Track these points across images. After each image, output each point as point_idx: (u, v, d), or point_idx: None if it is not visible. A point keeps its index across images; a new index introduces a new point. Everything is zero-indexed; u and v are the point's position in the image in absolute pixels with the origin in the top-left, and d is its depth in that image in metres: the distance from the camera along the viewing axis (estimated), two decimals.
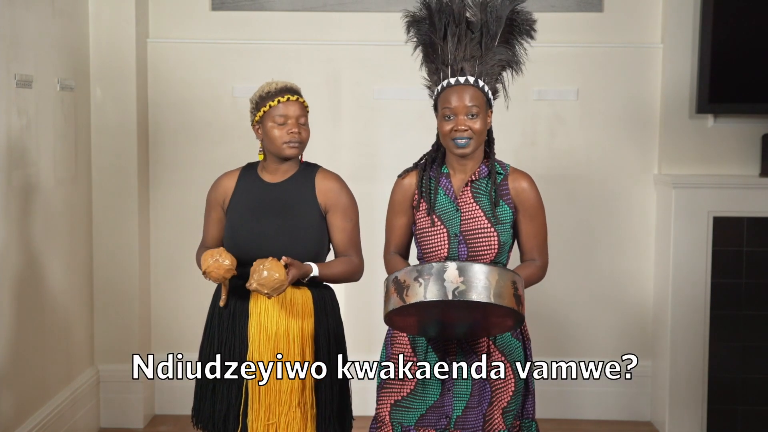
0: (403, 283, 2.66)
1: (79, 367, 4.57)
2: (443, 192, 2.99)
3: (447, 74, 2.96)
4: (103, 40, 4.62)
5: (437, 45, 2.99)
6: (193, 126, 4.85)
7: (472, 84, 2.94)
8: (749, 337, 4.65)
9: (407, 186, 3.06)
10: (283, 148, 3.12)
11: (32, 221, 4.02)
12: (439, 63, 2.99)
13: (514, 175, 3.01)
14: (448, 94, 2.94)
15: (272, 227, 3.11)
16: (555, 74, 4.84)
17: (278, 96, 3.14)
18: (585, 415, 4.92)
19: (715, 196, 4.61)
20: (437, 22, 2.99)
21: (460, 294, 2.60)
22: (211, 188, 3.27)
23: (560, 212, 4.85)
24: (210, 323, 3.20)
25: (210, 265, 2.98)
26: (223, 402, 3.13)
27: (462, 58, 2.96)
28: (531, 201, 2.98)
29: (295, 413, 3.09)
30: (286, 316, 3.09)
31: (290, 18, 4.84)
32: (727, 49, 4.60)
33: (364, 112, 4.84)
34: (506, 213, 2.97)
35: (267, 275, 2.91)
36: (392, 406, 2.98)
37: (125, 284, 4.70)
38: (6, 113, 3.77)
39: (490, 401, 2.94)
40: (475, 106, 2.92)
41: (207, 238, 3.29)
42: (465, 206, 2.97)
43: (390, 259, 3.08)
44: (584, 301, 4.90)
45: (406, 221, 3.07)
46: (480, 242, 2.94)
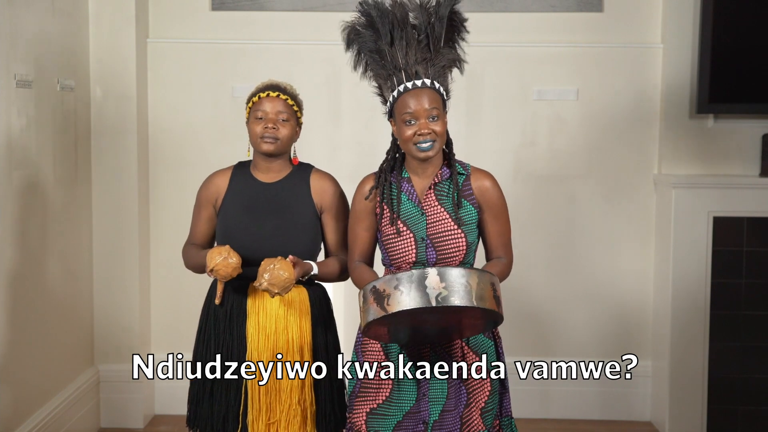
0: (382, 292, 2.64)
1: (79, 367, 4.57)
2: (406, 197, 2.98)
3: (402, 78, 2.93)
4: (103, 40, 4.62)
5: (384, 51, 2.96)
6: (193, 126, 4.85)
7: (429, 86, 2.92)
8: (749, 337, 4.65)
9: (366, 199, 3.03)
10: (259, 143, 3.11)
11: (32, 221, 4.02)
12: (391, 68, 2.95)
13: (476, 175, 3.00)
14: (407, 99, 2.91)
15: (268, 227, 3.11)
16: (555, 74, 4.84)
17: (260, 92, 3.15)
18: (585, 415, 4.92)
19: (715, 196, 4.61)
20: (381, 28, 2.96)
21: (443, 300, 2.59)
22: (203, 186, 3.25)
23: (560, 212, 4.85)
24: (204, 324, 3.19)
25: (218, 263, 2.97)
26: (222, 403, 3.12)
27: (414, 61, 2.93)
28: (495, 200, 2.99)
29: (296, 411, 3.09)
30: (285, 315, 3.09)
31: (290, 18, 4.84)
32: (727, 49, 4.59)
33: (364, 112, 4.84)
34: (471, 213, 2.97)
35: (278, 274, 2.91)
36: (368, 414, 2.96)
37: (125, 284, 4.70)
38: (6, 113, 3.76)
39: (467, 403, 2.94)
40: (435, 108, 2.89)
41: (196, 236, 3.25)
42: (429, 209, 2.96)
43: (357, 268, 3.03)
44: (584, 301, 4.90)
45: (370, 231, 3.04)
46: (447, 244, 2.94)
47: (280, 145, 3.12)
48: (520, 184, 4.84)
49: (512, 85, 4.83)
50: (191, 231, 3.27)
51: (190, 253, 3.23)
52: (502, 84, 4.81)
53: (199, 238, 3.25)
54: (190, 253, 3.24)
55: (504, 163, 4.81)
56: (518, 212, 4.68)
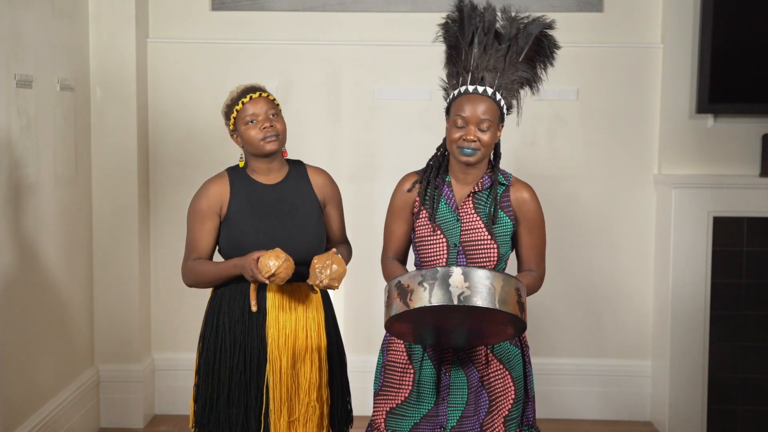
0: (406, 287, 2.63)
1: (79, 367, 4.57)
2: (444, 201, 2.97)
3: (466, 80, 2.92)
4: (103, 40, 4.62)
5: (462, 49, 2.95)
6: (193, 126, 4.85)
7: (489, 96, 2.90)
8: (749, 337, 4.65)
9: (408, 192, 3.03)
10: (262, 146, 3.09)
11: (32, 221, 4.01)
12: (461, 68, 2.94)
13: (516, 186, 3.00)
14: (463, 102, 2.90)
15: (282, 228, 3.10)
16: (555, 74, 4.78)
17: (242, 98, 3.13)
18: (585, 415, 4.92)
19: (715, 196, 4.60)
20: (467, 26, 2.95)
21: (465, 299, 2.57)
22: (200, 197, 3.14)
23: (560, 212, 4.85)
24: (214, 329, 3.13)
25: (280, 266, 2.92)
26: (240, 406, 3.09)
27: (484, 67, 2.92)
28: (532, 213, 2.97)
29: (315, 409, 3.11)
30: (304, 313, 3.11)
31: (290, 18, 4.84)
32: (727, 49, 4.59)
33: (364, 112, 4.84)
34: (506, 225, 2.95)
35: (336, 268, 2.95)
36: (387, 413, 2.97)
37: (125, 284, 4.70)
38: (6, 113, 3.76)
39: (489, 410, 2.93)
40: (488, 119, 2.88)
41: (200, 249, 3.14)
42: (465, 217, 2.95)
43: (388, 264, 3.04)
44: (584, 301, 4.90)
45: (406, 227, 3.03)
46: (479, 254, 2.93)
47: (281, 139, 3.12)
48: None
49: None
50: (193, 246, 3.15)
51: (201, 268, 3.13)
52: None
53: (205, 251, 3.15)
54: (200, 269, 3.13)
55: (504, 164, 4.76)
56: None
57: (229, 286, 3.13)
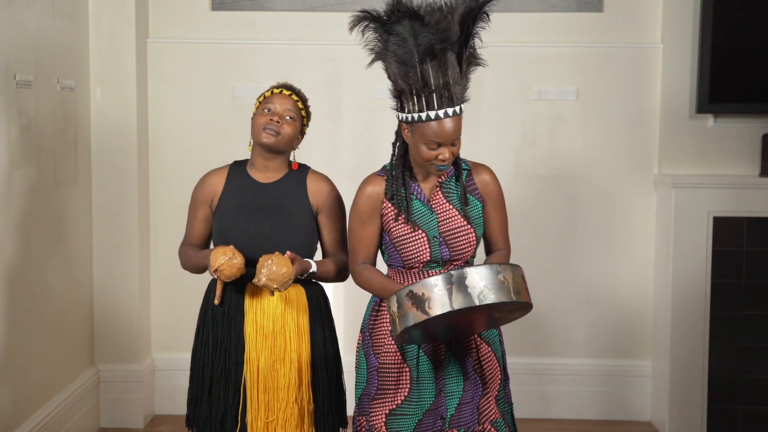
0: (421, 296, 2.65)
1: (79, 367, 4.57)
2: (415, 197, 2.98)
3: (432, 104, 2.82)
4: (103, 40, 4.62)
5: (416, 66, 2.84)
6: (193, 126, 4.85)
7: (459, 113, 2.85)
8: (749, 337, 4.65)
9: (374, 194, 3.00)
10: (259, 133, 3.10)
11: (32, 221, 4.01)
12: (420, 86, 2.83)
13: (477, 169, 3.04)
14: (435, 127, 2.82)
15: (266, 227, 3.10)
16: (555, 74, 4.84)
17: (273, 89, 3.21)
18: (585, 415, 4.92)
19: (715, 196, 4.60)
20: (418, 38, 2.82)
21: (484, 297, 2.63)
22: (198, 186, 3.23)
23: (560, 212, 4.85)
24: (203, 325, 3.19)
25: (223, 263, 2.96)
26: (220, 403, 3.12)
27: (446, 83, 2.82)
28: (496, 192, 3.03)
29: (293, 410, 3.09)
30: (282, 313, 3.09)
31: (290, 18, 4.84)
32: (727, 49, 4.59)
33: (364, 112, 4.84)
34: (477, 207, 3.00)
35: (276, 270, 2.92)
36: (387, 415, 2.97)
37: (125, 284, 4.70)
38: (6, 113, 3.76)
39: (483, 392, 2.98)
40: (458, 133, 2.86)
41: (192, 236, 3.23)
42: (439, 207, 2.98)
43: (363, 270, 3.00)
44: (584, 301, 4.90)
45: (375, 231, 3.01)
46: (459, 241, 2.96)
47: (281, 140, 3.11)
48: (521, 184, 4.84)
49: (512, 85, 4.83)
50: (187, 231, 3.25)
51: (188, 253, 3.21)
52: (502, 84, 4.81)
53: (195, 238, 3.23)
54: (187, 253, 3.22)
55: (504, 164, 4.81)
56: (518, 212, 4.68)
57: (214, 282, 3.16)
